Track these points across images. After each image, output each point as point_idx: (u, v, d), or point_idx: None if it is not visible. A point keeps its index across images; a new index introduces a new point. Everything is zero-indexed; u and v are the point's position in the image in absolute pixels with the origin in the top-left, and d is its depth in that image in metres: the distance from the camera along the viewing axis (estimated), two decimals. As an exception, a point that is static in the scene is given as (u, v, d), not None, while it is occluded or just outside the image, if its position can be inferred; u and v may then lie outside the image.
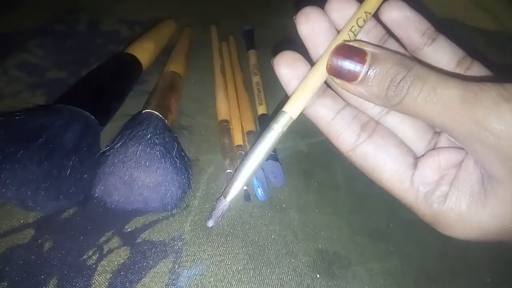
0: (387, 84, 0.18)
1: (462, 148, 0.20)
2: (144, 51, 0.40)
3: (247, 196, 0.31)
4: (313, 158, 0.36)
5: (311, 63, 0.21)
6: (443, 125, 0.17)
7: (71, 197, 0.27)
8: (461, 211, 0.18)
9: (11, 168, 0.25)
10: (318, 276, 0.27)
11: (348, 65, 0.18)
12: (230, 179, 0.20)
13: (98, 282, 0.25)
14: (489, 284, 0.28)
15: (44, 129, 0.27)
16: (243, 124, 0.36)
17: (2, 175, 0.25)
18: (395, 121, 0.21)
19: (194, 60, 0.44)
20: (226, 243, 0.28)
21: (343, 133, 0.20)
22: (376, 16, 0.21)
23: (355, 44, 0.18)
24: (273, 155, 0.33)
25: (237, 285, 0.26)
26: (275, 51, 0.21)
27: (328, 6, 0.21)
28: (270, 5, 0.57)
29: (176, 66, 0.40)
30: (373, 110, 0.21)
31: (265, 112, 0.38)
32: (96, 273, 0.26)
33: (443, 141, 0.21)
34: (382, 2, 0.20)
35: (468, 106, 0.16)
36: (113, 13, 0.51)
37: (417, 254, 0.29)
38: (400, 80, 0.17)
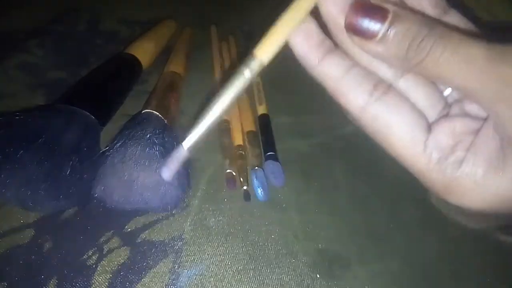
0: (408, 43, 0.17)
1: (477, 118, 0.19)
2: (144, 51, 0.40)
3: (247, 196, 0.31)
4: (313, 158, 0.36)
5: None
6: (466, 86, 0.17)
7: (71, 197, 0.27)
8: (477, 177, 0.18)
9: (11, 168, 0.25)
10: (318, 276, 0.27)
11: (368, 22, 0.18)
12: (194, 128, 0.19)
13: (98, 282, 0.25)
14: (489, 284, 0.28)
15: (44, 129, 0.27)
16: (243, 124, 0.36)
17: (2, 175, 0.25)
18: (408, 86, 0.20)
19: (194, 60, 0.44)
20: (226, 243, 0.28)
21: (354, 91, 0.19)
22: None
23: (377, 2, 0.18)
24: (273, 155, 0.33)
25: (237, 285, 0.26)
26: None
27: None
28: (270, 5, 0.56)
29: (176, 66, 0.40)
30: (386, 74, 0.20)
31: (265, 112, 0.38)
32: (96, 273, 0.26)
33: (456, 110, 0.20)
34: None
35: (493, 63, 0.16)
36: (113, 13, 0.51)
37: (417, 254, 0.29)
38: (422, 39, 0.17)
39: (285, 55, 0.20)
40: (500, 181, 0.17)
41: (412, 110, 0.19)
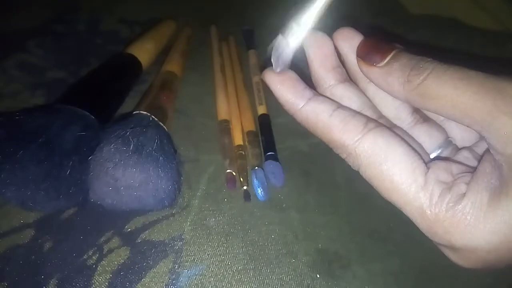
0: (411, 66, 0.18)
1: (471, 166, 0.19)
2: (144, 51, 0.40)
3: (247, 196, 0.31)
4: (313, 158, 0.36)
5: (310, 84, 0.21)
6: (466, 101, 0.16)
7: (71, 197, 0.27)
8: (482, 205, 0.16)
9: (11, 168, 0.25)
10: (318, 276, 0.27)
11: (375, 53, 0.19)
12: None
13: (98, 282, 0.25)
14: (489, 284, 0.28)
15: (44, 129, 0.27)
16: (243, 124, 0.36)
17: (2, 175, 0.25)
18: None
19: (194, 60, 0.44)
20: (226, 243, 0.28)
21: (350, 121, 0.19)
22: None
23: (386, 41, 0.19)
24: (273, 155, 0.33)
25: (237, 285, 0.26)
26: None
27: (336, 35, 0.21)
28: (270, 5, 0.56)
29: (170, 65, 0.40)
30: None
31: (265, 112, 0.38)
32: (96, 273, 0.26)
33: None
34: None
35: (491, 79, 0.16)
36: (113, 13, 0.51)
37: (417, 254, 0.29)
38: (426, 62, 0.18)
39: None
40: (504, 212, 0.16)
41: (408, 143, 0.19)
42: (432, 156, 0.21)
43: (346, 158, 0.20)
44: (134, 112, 0.31)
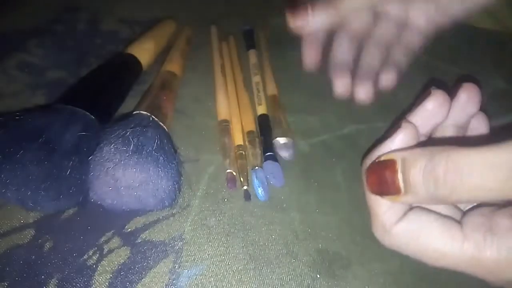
0: (432, 183, 0.17)
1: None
2: (144, 51, 0.40)
3: (247, 196, 0.31)
4: (313, 158, 0.36)
5: None
6: (497, 197, 0.16)
7: (71, 197, 0.27)
8: None
9: (11, 168, 0.25)
10: (318, 276, 0.27)
11: (384, 183, 0.18)
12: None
13: (98, 282, 0.25)
14: (489, 284, 0.28)
15: (44, 129, 0.27)
16: (243, 124, 0.36)
17: (2, 175, 0.25)
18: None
19: (194, 60, 0.44)
20: (226, 243, 0.28)
21: (393, 206, 0.20)
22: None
23: (382, 157, 0.18)
24: (272, 155, 0.33)
25: (237, 285, 0.26)
26: None
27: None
28: (270, 5, 0.56)
29: (170, 65, 0.40)
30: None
31: (265, 112, 0.38)
32: (96, 273, 0.26)
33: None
34: None
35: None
36: (113, 13, 0.51)
37: (417, 254, 0.29)
38: (443, 174, 0.16)
39: (286, 56, 0.20)
40: None
41: (439, 216, 0.20)
42: None
43: (382, 239, 0.22)
44: (134, 112, 0.31)
